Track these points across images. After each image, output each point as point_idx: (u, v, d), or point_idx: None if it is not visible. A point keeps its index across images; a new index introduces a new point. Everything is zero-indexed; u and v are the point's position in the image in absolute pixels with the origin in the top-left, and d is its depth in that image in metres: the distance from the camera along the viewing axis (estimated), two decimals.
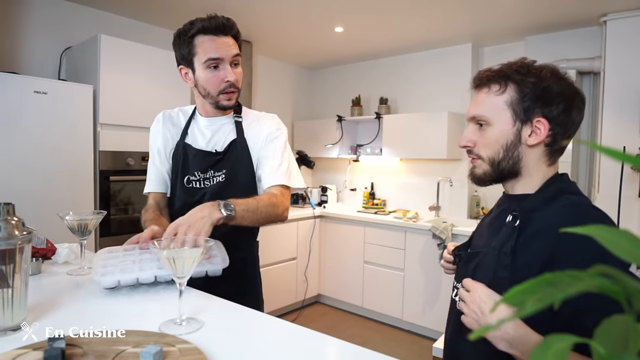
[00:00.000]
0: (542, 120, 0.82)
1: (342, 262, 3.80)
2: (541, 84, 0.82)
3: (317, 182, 4.70)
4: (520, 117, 0.83)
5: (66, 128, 2.39)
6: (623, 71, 2.74)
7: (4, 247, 0.82)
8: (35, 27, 2.73)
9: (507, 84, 0.84)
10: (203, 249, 0.89)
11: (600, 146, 0.30)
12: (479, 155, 0.89)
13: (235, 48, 1.26)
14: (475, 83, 0.91)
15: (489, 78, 0.87)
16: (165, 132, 1.38)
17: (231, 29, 1.27)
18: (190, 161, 1.31)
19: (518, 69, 0.84)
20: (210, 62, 1.22)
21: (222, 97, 1.26)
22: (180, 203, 1.31)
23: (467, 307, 0.78)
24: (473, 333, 0.31)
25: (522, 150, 0.85)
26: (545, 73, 0.83)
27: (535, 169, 0.86)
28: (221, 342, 0.84)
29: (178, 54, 1.30)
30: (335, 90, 4.63)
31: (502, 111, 0.85)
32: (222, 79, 1.24)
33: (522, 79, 0.83)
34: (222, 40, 1.23)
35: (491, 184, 0.91)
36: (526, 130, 0.84)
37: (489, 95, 0.87)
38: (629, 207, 2.67)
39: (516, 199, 0.88)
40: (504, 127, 0.85)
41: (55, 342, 0.70)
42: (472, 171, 0.93)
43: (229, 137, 1.32)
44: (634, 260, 0.30)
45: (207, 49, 1.22)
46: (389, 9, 2.90)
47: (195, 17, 1.35)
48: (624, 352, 0.26)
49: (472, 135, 0.90)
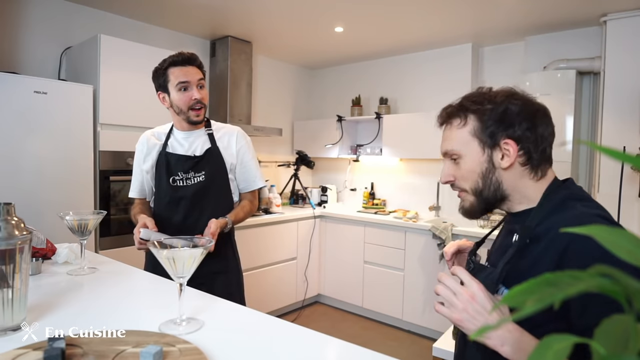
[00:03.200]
0: (509, 142, 0.83)
1: (342, 262, 3.80)
2: (499, 107, 0.84)
3: (317, 182, 4.70)
4: (487, 144, 0.85)
5: (66, 128, 2.39)
6: (623, 71, 2.74)
7: (4, 247, 0.82)
8: (35, 27, 2.73)
9: (467, 115, 0.87)
10: (203, 249, 0.89)
11: (600, 146, 0.30)
12: (462, 188, 0.91)
13: (199, 74, 1.59)
14: (439, 121, 0.93)
15: (449, 114, 0.90)
16: (150, 148, 1.67)
17: (195, 60, 1.59)
18: (173, 165, 1.61)
19: (475, 99, 0.87)
20: (180, 85, 1.55)
21: (192, 113, 1.58)
22: (168, 198, 1.61)
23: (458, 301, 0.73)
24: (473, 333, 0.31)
25: (499, 175, 0.86)
26: (501, 97, 0.85)
27: (523, 187, 0.86)
28: (221, 342, 0.84)
29: (156, 83, 1.62)
30: (335, 90, 4.63)
31: (469, 142, 0.86)
32: (190, 97, 1.56)
33: (479, 108, 0.85)
34: (188, 69, 1.56)
35: (482, 214, 0.91)
36: (497, 154, 0.85)
37: (453, 130, 0.89)
38: (629, 207, 2.67)
39: (519, 216, 0.88)
40: (475, 156, 0.86)
41: (55, 342, 0.70)
42: (461, 206, 0.93)
43: (204, 146, 1.64)
44: (634, 260, 0.30)
45: (177, 76, 1.55)
46: (389, 9, 2.90)
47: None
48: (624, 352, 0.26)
49: (450, 170, 0.91)
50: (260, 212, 3.56)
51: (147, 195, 1.73)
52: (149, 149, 1.67)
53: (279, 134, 3.83)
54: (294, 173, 4.18)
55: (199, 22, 3.27)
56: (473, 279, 0.76)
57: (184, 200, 1.59)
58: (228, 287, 1.64)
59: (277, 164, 4.39)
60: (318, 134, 4.32)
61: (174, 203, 1.60)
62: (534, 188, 0.86)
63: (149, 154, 1.66)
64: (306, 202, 4.19)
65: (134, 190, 1.73)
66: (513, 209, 0.90)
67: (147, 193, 1.73)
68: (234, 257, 1.75)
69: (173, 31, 3.46)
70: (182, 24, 3.31)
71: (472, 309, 0.71)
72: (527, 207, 0.87)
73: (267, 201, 3.69)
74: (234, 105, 3.64)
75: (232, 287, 1.66)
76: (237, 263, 1.76)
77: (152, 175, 1.67)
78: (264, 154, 4.21)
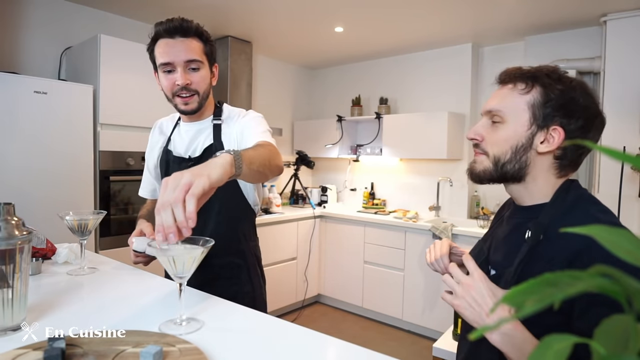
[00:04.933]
0: (559, 130, 0.79)
1: (342, 262, 3.80)
2: (569, 93, 0.79)
3: (317, 182, 4.70)
4: (538, 122, 0.80)
5: (66, 128, 2.39)
6: (623, 71, 2.74)
7: (4, 247, 0.82)
8: (35, 27, 2.73)
9: (534, 85, 0.81)
10: (203, 249, 0.89)
11: (600, 146, 0.30)
12: (485, 151, 0.86)
13: (190, 52, 1.22)
14: (501, 78, 0.87)
15: (517, 75, 0.84)
16: (154, 143, 1.45)
17: (186, 31, 1.22)
18: (172, 166, 1.35)
19: (549, 73, 0.81)
20: (163, 67, 1.23)
21: (178, 100, 1.25)
22: None
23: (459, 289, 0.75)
24: (473, 333, 0.31)
25: (531, 156, 0.82)
26: (575, 84, 0.80)
27: (543, 178, 0.83)
28: (221, 342, 0.84)
29: (151, 60, 1.30)
30: (335, 90, 4.63)
31: (521, 111, 0.81)
32: (173, 82, 1.23)
33: (550, 83, 0.80)
34: (175, 44, 1.21)
35: (490, 183, 0.87)
36: (540, 136, 0.80)
37: (512, 92, 0.83)
38: (629, 207, 2.67)
39: (530, 211, 0.84)
40: (518, 128, 0.82)
41: (55, 342, 0.70)
42: (472, 166, 0.89)
43: (205, 143, 1.33)
44: (634, 260, 0.30)
45: (161, 53, 1.22)
46: (389, 9, 2.90)
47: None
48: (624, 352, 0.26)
49: (483, 129, 0.87)
50: (260, 212, 3.56)
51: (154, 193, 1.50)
52: (153, 143, 1.46)
53: (279, 134, 3.84)
54: (294, 173, 4.18)
55: (199, 21, 3.25)
56: (477, 269, 0.76)
57: None
58: None
59: None
60: (318, 134, 4.32)
61: None
62: (551, 184, 0.83)
63: (152, 149, 1.46)
64: (306, 202, 4.19)
65: (144, 189, 1.51)
66: (523, 199, 0.86)
67: (155, 191, 1.49)
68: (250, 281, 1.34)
69: None
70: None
71: (470, 296, 0.74)
72: (538, 201, 0.84)
73: (267, 201, 3.70)
74: (234, 105, 3.64)
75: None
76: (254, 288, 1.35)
77: (155, 175, 1.45)
78: None
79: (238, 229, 1.35)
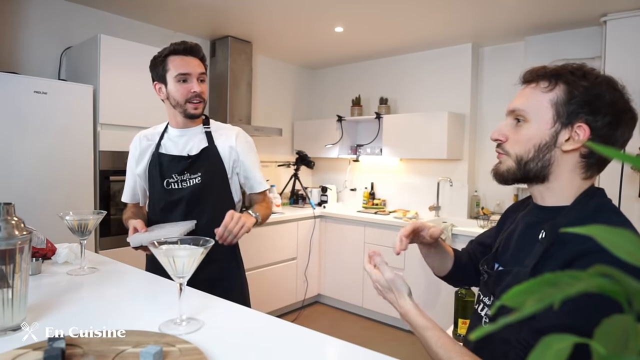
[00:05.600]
0: (584, 127, 0.77)
1: (342, 262, 3.80)
2: (593, 89, 0.77)
3: (317, 182, 4.70)
4: (561, 120, 0.79)
5: (66, 128, 2.39)
6: (623, 71, 2.71)
7: (4, 247, 0.82)
8: (35, 27, 2.73)
9: (557, 83, 0.80)
10: (203, 249, 0.89)
11: (600, 146, 0.30)
12: (507, 152, 0.85)
13: (201, 67, 1.49)
14: (525, 77, 0.86)
15: (540, 74, 0.83)
16: (144, 149, 1.57)
17: (198, 52, 1.49)
18: (166, 167, 1.50)
19: (573, 70, 0.80)
20: (180, 77, 1.44)
21: (189, 105, 1.47)
22: (163, 203, 1.51)
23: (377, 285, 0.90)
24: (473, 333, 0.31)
25: (555, 155, 0.80)
26: (601, 80, 0.79)
27: (568, 178, 0.81)
28: (221, 342, 0.84)
29: (153, 73, 1.51)
30: (335, 90, 4.63)
31: (544, 110, 0.80)
32: (189, 90, 1.45)
33: (574, 80, 0.78)
34: (190, 60, 1.46)
35: (514, 183, 0.86)
36: (564, 134, 0.79)
37: (535, 91, 0.82)
38: (629, 207, 2.67)
39: (549, 212, 0.83)
40: (542, 126, 0.80)
41: (55, 342, 0.70)
42: (496, 167, 0.88)
43: (201, 144, 1.52)
44: (634, 260, 0.30)
45: (177, 66, 1.44)
46: (389, 9, 2.90)
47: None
48: (624, 352, 0.26)
49: (506, 129, 0.86)
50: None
51: (141, 200, 1.65)
52: (141, 151, 1.57)
53: (279, 134, 3.83)
54: (294, 173, 4.18)
55: (198, 22, 3.27)
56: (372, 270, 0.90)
57: (179, 205, 1.47)
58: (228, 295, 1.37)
59: (277, 164, 4.39)
60: (318, 134, 4.32)
61: (168, 208, 1.49)
62: (575, 185, 0.81)
63: (141, 156, 1.57)
64: (306, 202, 4.19)
65: (126, 195, 1.66)
66: (545, 199, 0.85)
67: (140, 198, 1.64)
68: (236, 261, 1.60)
69: (173, 31, 3.46)
70: (182, 24, 3.31)
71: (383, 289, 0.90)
72: (559, 203, 0.82)
73: None
74: (234, 105, 3.65)
75: (233, 295, 1.42)
76: (240, 268, 1.61)
77: (145, 179, 1.57)
78: (264, 154, 4.21)
79: None
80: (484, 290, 0.94)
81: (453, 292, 1.78)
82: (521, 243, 0.86)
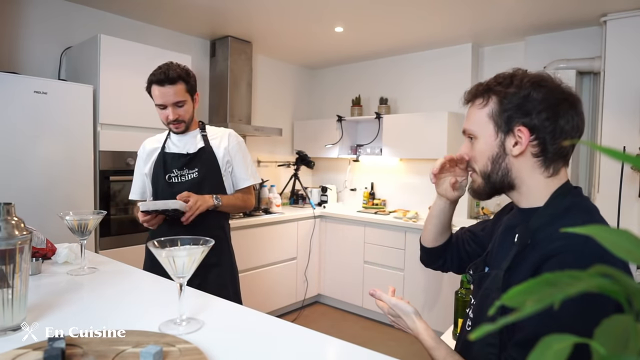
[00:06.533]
0: (523, 129, 0.81)
1: (342, 262, 3.80)
2: (520, 93, 0.81)
3: (317, 182, 4.70)
4: (502, 129, 0.84)
5: (66, 128, 2.39)
6: (623, 71, 2.74)
7: (4, 247, 0.82)
8: (35, 27, 2.73)
9: (490, 96, 0.85)
10: (203, 249, 0.89)
11: (600, 146, 0.30)
12: (474, 169, 0.91)
13: (177, 96, 1.63)
14: (466, 98, 0.92)
15: (475, 93, 0.89)
16: (152, 151, 1.79)
17: (173, 80, 1.60)
18: (169, 163, 1.73)
19: (502, 80, 0.85)
20: (158, 106, 1.66)
21: (172, 126, 1.70)
22: (165, 195, 1.69)
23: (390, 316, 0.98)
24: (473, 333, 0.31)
25: (509, 162, 0.84)
26: (527, 81, 0.82)
27: (532, 180, 0.83)
28: (221, 342, 0.84)
29: (149, 94, 1.70)
30: (335, 90, 4.63)
31: (485, 124, 0.86)
32: (166, 117, 1.66)
33: (502, 90, 0.84)
34: (166, 90, 1.61)
35: (488, 197, 0.91)
36: (510, 141, 0.83)
37: (474, 109, 0.88)
38: (629, 207, 2.67)
39: (525, 213, 0.86)
40: (488, 139, 0.86)
41: (55, 342, 0.70)
42: (471, 185, 0.94)
43: (198, 145, 1.74)
44: (633, 260, 0.30)
45: (156, 97, 1.64)
46: (389, 9, 2.90)
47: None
48: (624, 352, 0.26)
49: (466, 149, 0.92)
50: (260, 212, 3.56)
51: (148, 197, 1.81)
52: (149, 152, 1.79)
53: (279, 134, 3.83)
54: (294, 173, 4.18)
55: (198, 22, 3.27)
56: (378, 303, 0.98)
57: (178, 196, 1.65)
58: (221, 280, 1.71)
59: (277, 164, 4.39)
60: (318, 134, 4.32)
61: (170, 199, 1.64)
62: (543, 185, 0.83)
63: (149, 157, 1.78)
64: (306, 202, 4.19)
65: (135, 193, 1.85)
66: (520, 203, 0.87)
67: (148, 195, 1.81)
68: (228, 250, 1.80)
69: (173, 31, 3.46)
70: (182, 24, 3.31)
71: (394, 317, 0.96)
72: (533, 205, 0.84)
73: (267, 201, 3.69)
74: (234, 105, 3.65)
75: (225, 280, 1.72)
76: (231, 257, 1.82)
77: (150, 176, 1.76)
78: (264, 154, 4.22)
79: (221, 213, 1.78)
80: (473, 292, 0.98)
81: (453, 292, 1.78)
82: (501, 245, 0.90)
